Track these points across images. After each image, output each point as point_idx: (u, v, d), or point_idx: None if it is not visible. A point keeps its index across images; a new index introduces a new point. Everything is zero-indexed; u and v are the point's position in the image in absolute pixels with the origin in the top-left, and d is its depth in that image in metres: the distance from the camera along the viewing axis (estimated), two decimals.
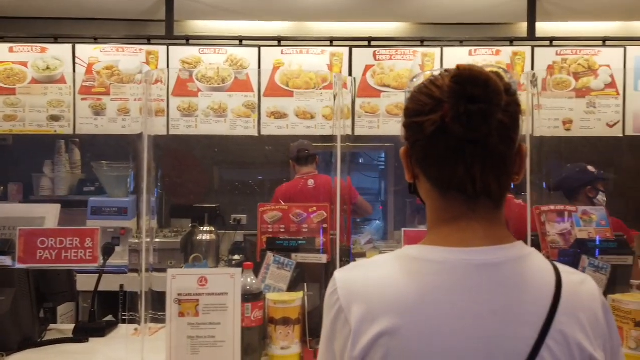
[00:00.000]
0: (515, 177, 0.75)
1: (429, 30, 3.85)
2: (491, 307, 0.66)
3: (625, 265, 1.88)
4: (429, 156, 0.72)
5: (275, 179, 3.69)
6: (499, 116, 0.67)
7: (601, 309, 0.71)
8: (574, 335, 0.66)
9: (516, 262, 0.70)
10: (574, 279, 0.71)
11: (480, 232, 0.71)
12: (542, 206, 2.03)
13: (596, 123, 3.55)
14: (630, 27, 3.89)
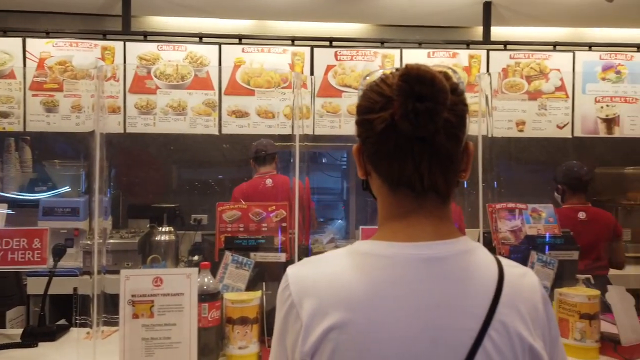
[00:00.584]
0: (462, 174, 0.77)
1: (389, 32, 3.91)
2: (437, 299, 0.69)
3: (571, 260, 1.97)
4: (379, 153, 0.74)
5: (236, 178, 3.65)
6: (445, 115, 0.69)
7: (541, 301, 0.74)
8: (515, 325, 0.69)
9: (461, 256, 0.73)
10: (516, 272, 0.74)
11: (428, 227, 0.73)
12: (494, 204, 2.10)
13: (547, 124, 3.70)
14: (578, 33, 4.07)
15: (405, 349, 0.67)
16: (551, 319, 0.75)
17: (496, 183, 1.91)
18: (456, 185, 0.80)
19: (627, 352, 1.66)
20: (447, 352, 0.67)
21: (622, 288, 1.76)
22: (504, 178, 3.85)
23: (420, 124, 0.68)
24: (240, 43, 3.57)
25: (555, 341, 0.75)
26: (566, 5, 3.59)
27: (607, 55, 3.75)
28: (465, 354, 0.66)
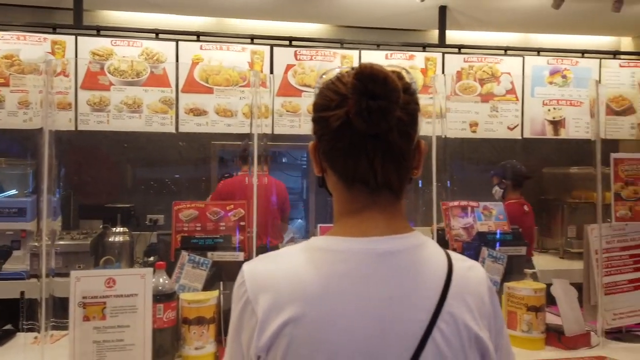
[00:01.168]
0: (414, 171, 0.80)
1: (348, 33, 3.96)
2: (389, 292, 0.71)
3: (519, 256, 2.06)
4: (334, 150, 0.75)
5: (193, 177, 3.61)
6: (397, 113, 0.72)
7: (487, 292, 0.77)
8: (462, 316, 0.72)
9: (412, 251, 0.75)
10: (464, 265, 0.78)
11: (382, 223, 0.76)
12: (448, 202, 2.17)
13: (498, 126, 3.85)
14: (528, 39, 4.25)
15: (358, 342, 0.69)
16: (497, 310, 0.78)
17: (449, 182, 1.97)
18: (409, 182, 0.82)
19: (570, 342, 1.75)
20: (398, 343, 0.69)
21: (566, 281, 1.85)
22: (457, 177, 3.99)
23: (374, 122, 0.70)
24: (198, 40, 3.52)
25: (501, 331, 0.79)
26: (516, 11, 3.74)
27: (554, 60, 3.93)
28: (416, 344, 0.69)
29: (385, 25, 3.99)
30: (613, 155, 1.88)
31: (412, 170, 0.80)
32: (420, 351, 0.68)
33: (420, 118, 0.77)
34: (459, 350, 0.70)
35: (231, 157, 3.41)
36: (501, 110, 3.85)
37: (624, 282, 1.89)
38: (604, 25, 4.08)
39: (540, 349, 1.76)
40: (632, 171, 1.87)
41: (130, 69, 3.38)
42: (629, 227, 1.91)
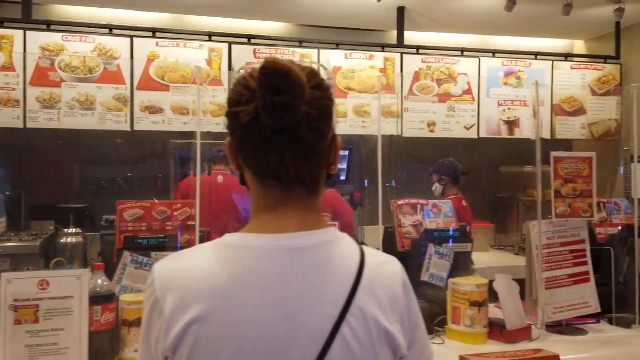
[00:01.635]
0: (331, 167, 0.80)
1: (308, 32, 3.96)
2: (298, 289, 0.71)
3: (465, 252, 2.10)
4: (246, 146, 0.75)
5: (149, 176, 3.54)
6: (304, 108, 0.71)
7: (401, 287, 0.78)
8: (371, 311, 0.72)
9: (325, 247, 0.75)
10: (378, 261, 0.78)
11: (296, 219, 0.75)
12: (398, 200, 2.20)
13: (456, 126, 3.92)
14: (484, 41, 4.35)
15: (266, 339, 0.68)
16: (412, 305, 0.79)
17: (394, 182, 1.99)
18: (327, 178, 0.83)
19: (512, 336, 1.80)
20: (307, 339, 0.69)
21: (508, 277, 1.90)
22: (406, 176, 4.06)
23: (278, 117, 0.70)
24: (154, 37, 3.45)
25: (416, 325, 0.80)
26: (472, 14, 3.82)
27: (509, 62, 4.04)
28: (324, 339, 0.69)
29: (345, 25, 4.01)
30: (553, 153, 1.94)
31: (330, 167, 0.80)
32: (329, 346, 0.69)
33: (335, 114, 0.77)
34: (367, 345, 0.71)
35: (188, 156, 3.35)
36: (458, 111, 3.92)
37: (564, 277, 1.96)
38: (557, 29, 4.21)
39: (483, 343, 1.80)
40: (571, 169, 1.94)
41: (83, 65, 3.29)
42: (569, 224, 1.98)
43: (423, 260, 2.00)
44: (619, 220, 2.33)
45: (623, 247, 2.08)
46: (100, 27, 3.38)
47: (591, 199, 1.96)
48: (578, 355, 1.74)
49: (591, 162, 1.95)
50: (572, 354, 1.74)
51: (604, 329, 1.98)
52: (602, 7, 3.65)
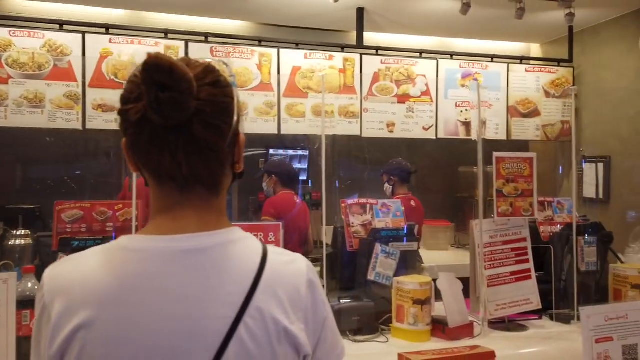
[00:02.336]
0: (236, 166, 0.79)
1: (267, 31, 3.94)
2: (191, 291, 0.69)
3: (412, 251, 2.12)
4: (137, 144, 0.72)
5: (101, 173, 3.45)
6: (194, 104, 0.70)
7: (305, 285, 0.77)
8: (270, 310, 0.71)
9: (224, 247, 0.74)
10: (282, 260, 0.77)
11: (194, 220, 0.74)
12: (347, 199, 2.20)
13: (414, 126, 3.97)
14: (442, 43, 4.42)
15: (156, 344, 0.66)
16: (318, 303, 0.78)
17: (337, 182, 1.99)
18: (232, 178, 0.81)
19: (453, 333, 1.83)
20: (202, 343, 0.67)
21: (451, 274, 1.93)
22: (364, 176, 4.09)
23: (165, 114, 0.68)
24: (107, 33, 3.36)
25: (323, 323, 0.79)
26: (430, 16, 3.87)
27: (466, 64, 4.11)
28: (220, 342, 0.68)
29: (305, 24, 4.01)
30: (495, 154, 1.98)
31: (235, 165, 0.79)
32: (225, 348, 0.67)
33: (236, 111, 0.76)
34: (266, 345, 0.70)
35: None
36: (417, 111, 3.97)
37: (506, 274, 2.00)
38: (513, 32, 4.31)
39: (426, 340, 1.82)
40: (512, 169, 1.98)
41: (32, 61, 3.18)
42: (511, 222, 2.02)
43: (371, 259, 2.02)
44: (561, 219, 2.39)
45: (564, 245, 2.14)
46: (50, 22, 3.28)
47: (532, 198, 2.00)
48: (517, 351, 1.78)
49: (532, 162, 2.00)
50: (511, 349, 1.77)
51: (544, 324, 2.03)
52: (555, 12, 3.75)
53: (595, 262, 2.13)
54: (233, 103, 0.75)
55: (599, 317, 1.26)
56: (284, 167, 3.59)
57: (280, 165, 3.61)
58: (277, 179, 3.43)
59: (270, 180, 3.45)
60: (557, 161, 4.26)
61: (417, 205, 3.52)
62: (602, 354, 1.26)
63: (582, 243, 2.10)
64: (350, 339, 1.83)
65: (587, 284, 2.09)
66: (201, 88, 0.71)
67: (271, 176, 3.47)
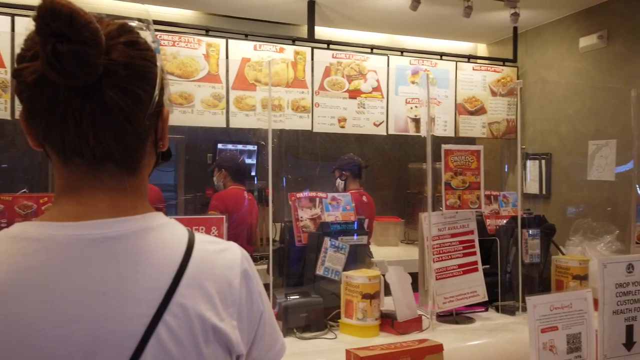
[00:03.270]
0: (159, 143, 0.70)
1: (215, 21, 3.81)
2: (102, 286, 0.60)
3: (362, 245, 2.09)
4: (34, 111, 0.61)
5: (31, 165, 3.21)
6: (102, 62, 0.60)
7: (239, 277, 0.69)
8: (196, 306, 0.63)
9: (141, 235, 0.64)
10: (212, 249, 0.69)
11: (105, 203, 0.64)
12: (296, 193, 2.14)
13: (365, 122, 3.96)
14: (393, 40, 4.44)
15: (58, 347, 0.57)
16: (253, 296, 0.71)
17: (285, 178, 1.93)
18: (160, 158, 0.72)
19: (402, 327, 1.80)
20: (113, 347, 0.58)
21: (400, 268, 1.91)
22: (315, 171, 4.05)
23: (66, 70, 0.57)
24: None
25: (260, 318, 0.71)
26: (381, 12, 3.87)
27: (416, 60, 4.14)
28: (135, 345, 0.59)
29: (255, 16, 3.91)
30: (444, 146, 1.98)
31: (158, 143, 0.70)
32: (140, 352, 0.58)
33: (159, 80, 0.67)
34: (190, 346, 0.61)
35: None
36: (368, 107, 3.96)
37: (454, 267, 2.00)
38: (461, 31, 4.39)
39: (375, 335, 1.79)
40: (460, 162, 1.98)
41: None
42: (459, 215, 2.02)
43: (319, 254, 1.96)
44: (507, 212, 2.43)
45: (509, 237, 2.17)
46: None
47: (479, 190, 2.01)
48: (464, 344, 1.78)
49: (479, 155, 2.01)
50: (459, 342, 1.77)
51: (490, 316, 2.05)
52: (500, 12, 3.85)
53: (539, 254, 2.17)
54: (155, 69, 0.66)
55: (544, 306, 1.26)
56: (235, 161, 3.51)
57: (232, 159, 3.54)
58: (227, 173, 3.34)
59: (220, 174, 3.36)
60: (502, 158, 4.38)
61: (368, 201, 3.51)
62: (547, 344, 1.26)
63: (526, 236, 2.13)
64: (297, 336, 1.76)
65: (531, 275, 2.13)
66: (114, 46, 0.62)
67: (221, 170, 3.38)
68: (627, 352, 1.37)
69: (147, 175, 0.70)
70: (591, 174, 3.66)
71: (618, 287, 1.34)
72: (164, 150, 0.72)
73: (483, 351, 1.75)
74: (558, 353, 1.26)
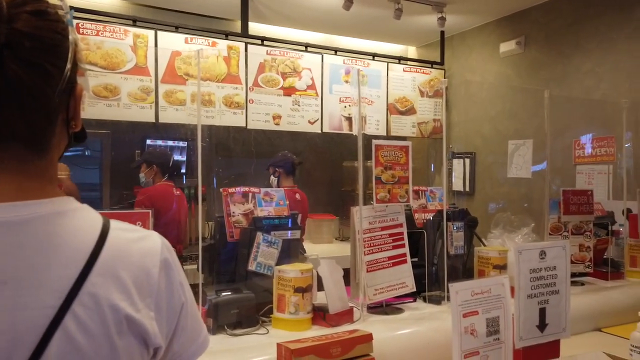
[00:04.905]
0: (72, 123, 0.66)
1: (144, 11, 3.66)
2: (4, 275, 0.56)
3: (295, 240, 2.08)
4: None
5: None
6: (3, 30, 0.56)
7: (158, 266, 0.66)
8: (109, 296, 0.60)
9: (50, 220, 0.60)
10: (129, 236, 0.66)
11: (8, 186, 0.59)
12: (228, 188, 2.10)
13: (300, 119, 3.97)
14: (327, 39, 4.49)
15: None
16: (174, 287, 0.68)
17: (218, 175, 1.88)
18: (72, 140, 0.68)
19: (333, 320, 1.82)
20: (13, 340, 0.54)
21: (332, 261, 1.93)
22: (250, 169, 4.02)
23: None
24: None
25: (180, 310, 0.69)
26: (315, 10, 3.91)
27: (349, 60, 4.21)
28: (37, 339, 0.55)
29: (186, 9, 3.80)
30: (374, 141, 2.02)
31: (69, 123, 0.65)
32: (44, 344, 0.55)
33: (71, 54, 0.62)
34: (101, 337, 0.58)
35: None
36: (302, 105, 3.98)
37: (384, 259, 2.04)
38: (392, 34, 4.53)
39: (307, 329, 1.79)
40: (389, 157, 2.04)
41: None
42: (389, 209, 2.08)
43: (252, 249, 1.93)
44: (434, 206, 2.54)
45: (436, 230, 2.26)
46: None
47: (407, 185, 2.08)
48: (393, 333, 1.83)
49: (407, 150, 2.08)
50: (389, 332, 1.81)
51: (418, 306, 2.12)
52: (429, 16, 4.01)
53: (463, 245, 2.28)
54: (66, 42, 0.62)
55: (465, 292, 1.32)
56: (166, 157, 3.39)
57: (163, 155, 3.41)
58: (158, 169, 3.22)
59: (150, 170, 3.23)
60: (429, 156, 4.56)
61: (302, 198, 3.52)
62: (468, 328, 1.33)
63: (451, 228, 2.23)
64: (228, 333, 1.73)
65: (455, 266, 2.23)
66: (18, 14, 0.57)
67: (152, 166, 3.25)
68: (541, 333, 1.47)
69: (56, 157, 0.66)
70: (511, 172, 3.91)
71: (532, 273, 1.44)
72: (76, 131, 0.68)
73: (410, 339, 1.80)
74: (478, 336, 1.33)
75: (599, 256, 2.65)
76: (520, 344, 1.42)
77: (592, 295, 2.34)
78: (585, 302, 2.27)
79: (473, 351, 1.33)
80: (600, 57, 3.42)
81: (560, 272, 1.47)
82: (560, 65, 3.66)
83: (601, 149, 3.21)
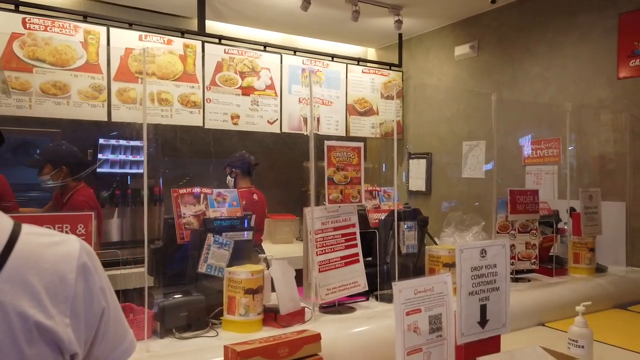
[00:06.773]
0: None
1: (95, 7, 3.55)
2: None
3: (247, 241, 2.07)
4: None
5: None
6: None
7: (74, 272, 0.65)
8: (16, 303, 0.58)
9: None
10: (42, 241, 0.64)
11: None
12: (179, 189, 2.06)
13: (259, 119, 3.95)
14: (286, 39, 4.48)
15: None
16: (93, 292, 0.66)
17: (165, 175, 1.85)
18: None
19: (284, 320, 1.82)
20: None
21: (284, 262, 1.93)
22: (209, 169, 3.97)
23: None
24: None
25: (101, 316, 0.67)
26: (274, 9, 3.89)
27: (308, 61, 4.22)
28: None
29: (140, 5, 3.71)
30: (326, 142, 2.03)
31: None
32: None
33: None
34: (8, 346, 0.56)
35: None
36: (261, 105, 3.96)
37: (336, 259, 2.06)
38: (352, 36, 4.56)
39: (258, 330, 1.79)
40: (342, 157, 2.06)
41: None
42: (341, 209, 2.09)
43: (202, 251, 1.91)
44: (388, 206, 2.57)
45: (389, 230, 2.30)
46: None
47: (360, 185, 2.10)
48: (345, 332, 1.84)
49: (359, 151, 2.10)
50: (339, 331, 1.83)
51: (370, 305, 2.15)
52: (386, 18, 4.06)
53: (415, 244, 2.32)
54: None
55: (409, 290, 1.35)
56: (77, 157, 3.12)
57: (71, 155, 3.09)
58: (67, 171, 2.99)
59: (58, 172, 2.97)
60: (388, 157, 4.62)
61: (259, 199, 3.51)
62: (411, 325, 1.35)
63: (403, 227, 2.27)
64: (176, 336, 1.70)
65: (407, 265, 2.27)
66: None
67: (60, 167, 2.99)
68: (482, 329, 1.51)
69: None
70: (465, 172, 4.01)
71: (473, 270, 1.48)
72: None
73: (361, 338, 1.82)
74: (421, 333, 1.36)
75: (545, 253, 2.76)
76: (462, 340, 1.46)
77: (537, 291, 2.44)
78: (531, 298, 2.36)
79: (416, 348, 1.35)
80: (548, 62, 3.56)
81: (500, 270, 1.52)
82: (510, 69, 3.79)
83: (548, 150, 3.34)
